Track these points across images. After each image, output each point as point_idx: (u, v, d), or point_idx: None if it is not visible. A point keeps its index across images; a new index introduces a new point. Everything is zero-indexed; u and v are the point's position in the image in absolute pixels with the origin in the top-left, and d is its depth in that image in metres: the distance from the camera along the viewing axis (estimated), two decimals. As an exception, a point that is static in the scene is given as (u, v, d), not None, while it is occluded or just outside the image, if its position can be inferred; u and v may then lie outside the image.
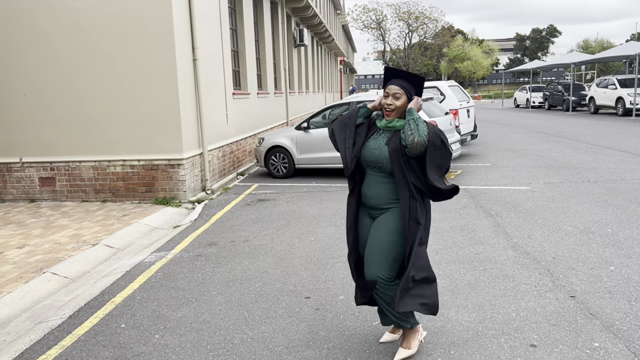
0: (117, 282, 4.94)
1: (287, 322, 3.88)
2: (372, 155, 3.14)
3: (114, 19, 7.85)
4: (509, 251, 5.27)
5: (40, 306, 4.53)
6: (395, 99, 3.12)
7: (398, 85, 3.13)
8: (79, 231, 6.67)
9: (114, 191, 8.37)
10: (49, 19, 7.98)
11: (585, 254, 5.09)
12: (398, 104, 3.11)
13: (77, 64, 8.03)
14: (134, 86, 7.99)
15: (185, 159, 8.21)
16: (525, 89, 35.02)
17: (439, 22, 65.96)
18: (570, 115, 24.44)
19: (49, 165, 8.43)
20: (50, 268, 5.26)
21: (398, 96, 3.11)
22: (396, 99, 3.11)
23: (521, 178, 9.16)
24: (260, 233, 6.38)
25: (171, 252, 5.79)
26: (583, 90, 28.08)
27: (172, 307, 4.25)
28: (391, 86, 3.14)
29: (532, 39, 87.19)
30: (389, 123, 3.15)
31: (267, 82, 14.75)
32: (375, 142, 3.17)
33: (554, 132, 16.74)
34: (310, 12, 20.10)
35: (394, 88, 3.12)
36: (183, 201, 8.25)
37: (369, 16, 63.76)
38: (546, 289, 4.29)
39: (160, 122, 8.04)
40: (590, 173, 9.31)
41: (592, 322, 3.67)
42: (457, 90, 12.56)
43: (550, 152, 12.28)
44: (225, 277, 4.88)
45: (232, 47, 11.63)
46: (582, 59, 29.14)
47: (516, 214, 6.71)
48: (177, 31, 7.89)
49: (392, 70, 3.19)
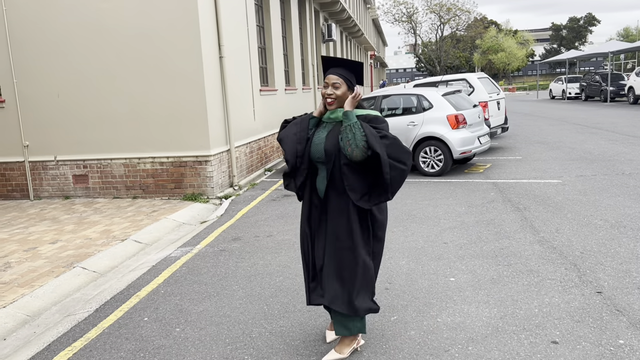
0: (143, 276, 5.06)
1: (305, 317, 3.90)
2: (316, 151, 3.08)
3: (140, 18, 8.00)
4: (535, 246, 5.16)
5: (70, 299, 4.68)
6: (335, 88, 3.05)
7: (336, 74, 3.07)
8: (109, 227, 6.86)
9: (144, 188, 8.56)
10: (76, 21, 8.19)
11: (615, 248, 4.93)
12: (338, 93, 3.05)
13: (105, 64, 8.23)
14: (161, 84, 8.14)
15: (213, 156, 8.33)
16: (561, 79, 34.06)
17: (471, 13, 64.64)
18: (608, 106, 23.66)
19: (82, 163, 8.68)
20: (80, 263, 5.42)
21: (337, 85, 3.05)
22: (336, 89, 3.05)
23: (552, 171, 8.94)
24: (284, 228, 6.42)
25: (196, 247, 5.89)
26: (622, 79, 27.13)
27: (194, 301, 4.32)
28: (330, 76, 3.08)
29: (569, 28, 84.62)
30: (331, 114, 3.11)
31: (295, 78, 14.79)
32: (318, 135, 3.13)
33: (589, 124, 16.25)
34: (339, 6, 20.03)
35: (333, 77, 3.06)
36: (211, 197, 8.38)
37: (399, 9, 63.02)
38: (572, 284, 4.18)
39: (187, 119, 8.17)
40: (625, 165, 9.01)
41: (618, 318, 3.56)
42: (487, 82, 12.32)
43: (584, 144, 11.93)
44: (247, 272, 4.94)
45: (259, 44, 11.70)
46: (620, 48, 28.15)
47: (545, 208, 6.55)
48: (202, 29, 7.99)
49: (329, 59, 3.16)
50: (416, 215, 6.52)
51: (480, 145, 9.42)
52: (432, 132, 9.10)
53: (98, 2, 8.08)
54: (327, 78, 3.09)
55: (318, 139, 3.11)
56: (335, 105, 3.07)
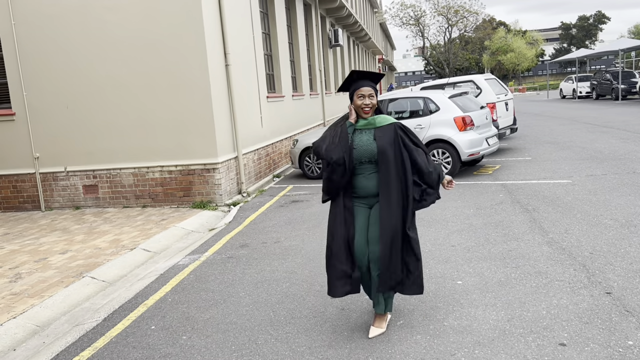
0: (151, 285, 5.09)
1: (311, 323, 3.89)
2: (366, 151, 3.46)
3: (146, 29, 8.09)
4: (543, 247, 5.11)
5: (79, 309, 4.72)
6: (371, 98, 3.47)
7: (369, 86, 3.49)
8: (118, 236, 6.91)
9: (153, 196, 8.62)
10: (84, 33, 8.30)
11: (626, 248, 4.87)
12: (374, 102, 3.50)
13: (113, 74, 8.33)
14: (168, 94, 8.21)
15: (221, 163, 8.37)
16: (571, 79, 33.76)
17: (479, 14, 64.49)
18: (620, 105, 23.41)
19: (92, 173, 8.77)
20: (90, 272, 5.47)
21: (372, 95, 3.48)
22: (371, 99, 3.48)
23: (562, 171, 8.86)
24: (292, 234, 6.43)
25: (204, 254, 5.92)
26: (633, 77, 26.82)
27: (201, 309, 4.34)
28: (364, 88, 3.47)
29: (579, 27, 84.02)
30: (370, 120, 3.51)
31: (302, 84, 14.84)
32: (361, 139, 3.49)
33: (600, 123, 16.09)
34: (345, 12, 20.08)
35: (368, 89, 3.47)
36: (219, 204, 8.41)
37: (407, 13, 63.06)
38: (580, 285, 4.13)
39: (194, 128, 8.22)
40: (636, 164, 8.90)
41: (628, 319, 3.51)
42: (495, 83, 12.26)
43: (595, 143, 11.81)
44: (254, 279, 4.95)
45: (265, 51, 11.76)
46: (631, 45, 27.84)
47: (554, 209, 6.48)
48: (208, 39, 8.05)
49: (361, 72, 3.54)
50: (424, 218, 6.49)
51: (489, 146, 9.37)
52: (440, 135, 9.06)
53: (104, 14, 8.18)
54: (362, 90, 3.47)
55: (361, 142, 3.48)
56: (370, 113, 3.50)
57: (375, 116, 3.53)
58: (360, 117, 3.52)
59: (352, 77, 3.53)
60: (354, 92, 3.49)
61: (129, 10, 8.09)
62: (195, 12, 7.90)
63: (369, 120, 3.51)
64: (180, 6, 7.93)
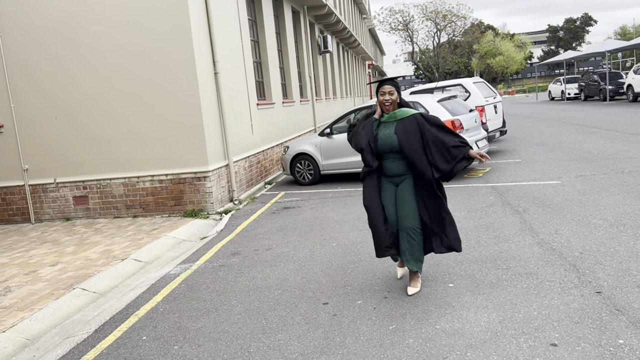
0: (142, 295, 5.05)
1: (303, 329, 3.88)
2: (387, 144, 4.13)
3: (133, 39, 8.08)
4: (534, 248, 5.13)
5: (69, 321, 4.68)
6: (391, 95, 4.10)
7: (390, 84, 4.13)
8: (109, 247, 6.87)
9: (144, 206, 8.58)
10: (71, 44, 8.28)
11: (615, 247, 4.90)
12: (393, 97, 4.11)
13: (101, 84, 8.30)
14: (157, 103, 8.20)
15: (211, 171, 8.35)
16: (559, 80, 34.06)
17: (467, 19, 64.95)
18: (607, 105, 23.63)
19: (82, 184, 8.72)
20: (80, 284, 5.43)
21: (392, 92, 4.10)
22: (391, 95, 4.10)
23: (552, 172, 8.91)
24: (283, 241, 6.42)
25: (196, 263, 5.89)
26: (620, 78, 27.09)
27: (193, 318, 4.31)
28: (385, 86, 4.12)
29: (566, 29, 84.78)
30: (392, 114, 4.14)
31: (292, 91, 14.86)
32: (383, 133, 4.16)
33: (589, 123, 16.23)
34: (334, 18, 20.16)
35: (388, 87, 4.11)
36: (211, 212, 8.39)
37: (395, 18, 63.40)
38: (571, 285, 4.15)
39: (184, 136, 8.20)
40: (625, 163, 8.98)
41: (618, 318, 3.53)
42: (483, 86, 12.34)
43: (583, 144, 11.90)
44: (246, 286, 4.93)
45: (255, 58, 11.77)
46: (617, 46, 28.16)
47: (544, 210, 6.52)
48: (196, 47, 8.05)
49: (383, 79, 4.19)
50: (415, 223, 6.49)
51: (478, 149, 9.41)
52: (430, 139, 9.08)
53: (92, 24, 8.16)
54: (383, 88, 4.10)
55: (384, 135, 4.14)
56: (392, 107, 4.12)
57: (397, 110, 4.13)
58: (384, 112, 4.13)
59: (378, 81, 4.20)
60: (378, 91, 4.13)
61: (117, 21, 8.08)
62: (183, 21, 7.90)
63: (390, 114, 4.12)
64: (168, 15, 7.93)
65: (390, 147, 4.11)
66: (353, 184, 9.91)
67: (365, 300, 4.28)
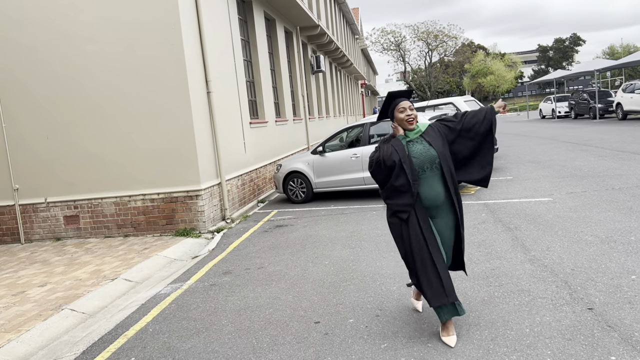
0: (132, 315, 4.99)
1: (294, 349, 3.84)
2: (428, 158, 3.68)
3: (126, 58, 8.11)
4: (526, 265, 5.13)
5: (57, 343, 4.60)
6: (411, 110, 3.78)
7: (407, 100, 3.84)
8: (100, 267, 6.80)
9: (135, 225, 8.53)
10: (64, 63, 8.30)
11: (606, 263, 4.91)
12: (415, 112, 3.81)
13: (93, 104, 8.31)
14: (149, 122, 8.20)
15: (203, 190, 8.33)
16: (550, 99, 34.47)
17: (458, 39, 65.86)
18: (597, 123, 23.88)
19: (73, 204, 8.66)
20: (69, 304, 5.35)
21: (412, 107, 3.80)
22: (412, 110, 3.79)
23: (543, 189, 8.96)
24: (275, 259, 6.38)
25: (187, 282, 5.83)
26: (610, 96, 27.46)
27: (182, 338, 4.26)
28: (404, 102, 3.79)
29: (556, 49, 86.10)
30: (417, 130, 3.79)
31: (285, 110, 14.93)
32: (417, 149, 3.72)
33: (579, 141, 16.37)
34: (326, 38, 20.37)
35: (407, 103, 3.80)
36: (203, 231, 8.34)
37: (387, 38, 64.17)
38: (563, 302, 4.14)
39: (177, 155, 8.20)
40: (615, 180, 9.04)
41: (610, 334, 3.52)
42: (474, 104, 12.47)
43: (574, 161, 11.99)
44: (236, 306, 4.88)
45: (248, 77, 11.85)
46: (605, 65, 28.58)
47: (536, 227, 6.53)
48: (189, 67, 8.09)
49: (396, 93, 3.88)
50: (407, 240, 6.48)
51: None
52: (421, 157, 9.12)
53: (84, 43, 8.20)
54: (402, 104, 3.76)
55: (418, 151, 3.71)
56: (415, 122, 3.77)
57: (417, 124, 3.81)
58: (407, 130, 3.77)
59: (390, 98, 3.84)
60: (394, 109, 3.79)
61: (109, 40, 8.12)
62: (175, 40, 7.95)
63: (416, 130, 3.78)
64: (161, 34, 7.98)
65: (431, 161, 3.66)
66: (345, 201, 9.91)
67: (357, 319, 4.24)
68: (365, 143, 9.91)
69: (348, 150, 10.03)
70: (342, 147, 10.38)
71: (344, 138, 10.77)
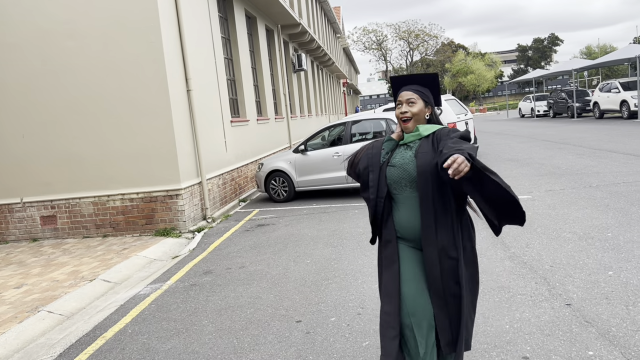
0: (111, 316, 4.91)
1: (276, 348, 3.81)
2: (404, 172, 2.55)
3: (105, 55, 7.99)
4: (505, 262, 5.18)
5: (33, 345, 4.51)
6: (410, 105, 2.60)
7: (411, 90, 2.64)
8: (78, 267, 6.68)
9: (114, 225, 8.40)
10: (43, 61, 8.14)
11: (584, 260, 4.98)
12: (414, 110, 2.59)
13: (72, 102, 8.16)
14: (128, 120, 8.09)
15: (184, 189, 8.24)
16: (529, 98, 34.94)
17: (439, 38, 66.39)
18: (575, 122, 24.27)
19: (50, 204, 8.50)
20: (46, 306, 5.25)
21: (413, 101, 2.60)
22: (410, 105, 2.60)
23: (522, 187, 9.06)
24: (257, 258, 6.34)
25: (166, 283, 5.77)
26: (587, 96, 27.92)
27: (162, 339, 4.20)
28: (403, 92, 2.65)
29: (534, 48, 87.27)
30: (415, 132, 2.60)
31: (267, 108, 14.86)
32: (402, 157, 2.60)
33: (557, 140, 16.61)
34: (308, 37, 20.34)
35: (407, 94, 2.63)
36: (183, 231, 8.26)
37: (369, 37, 64.38)
38: (542, 298, 4.19)
39: (156, 154, 8.10)
40: (592, 178, 9.19)
41: (588, 329, 3.56)
42: (454, 103, 12.55)
43: (553, 159, 12.16)
44: (217, 306, 4.84)
45: (228, 76, 11.76)
46: (583, 65, 29.06)
47: (515, 224, 6.59)
48: (168, 64, 8.00)
49: (400, 78, 2.73)
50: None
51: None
52: (403, 155, 9.16)
53: (63, 40, 8.05)
54: (400, 96, 2.65)
55: (402, 159, 2.58)
56: (412, 124, 2.59)
57: (422, 125, 2.61)
58: (404, 131, 2.64)
59: (393, 86, 2.76)
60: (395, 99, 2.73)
61: (89, 37, 7.98)
62: (155, 37, 7.85)
63: (414, 132, 2.60)
64: (140, 32, 7.87)
65: (409, 177, 2.54)
66: (327, 199, 9.90)
67: (339, 317, 4.24)
68: (347, 142, 9.91)
69: (330, 149, 10.03)
70: (324, 145, 10.38)
71: (326, 137, 10.76)
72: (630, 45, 25.36)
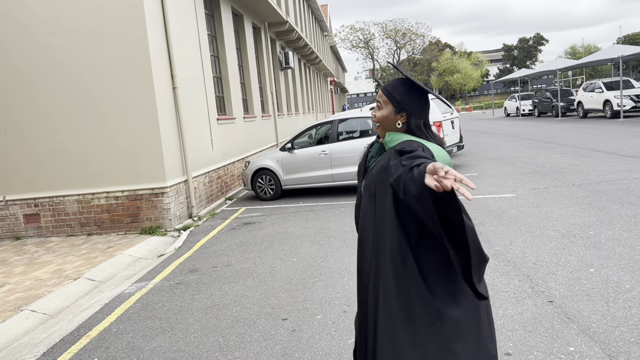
0: (95, 315, 4.88)
1: (261, 346, 3.82)
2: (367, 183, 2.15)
3: (90, 52, 7.91)
4: (490, 259, 5.23)
5: (16, 345, 4.47)
6: (377, 107, 2.18)
7: (386, 89, 2.16)
8: (62, 266, 6.62)
9: (99, 224, 8.33)
10: (25, 57, 8.03)
11: (566, 257, 5.05)
12: (378, 114, 2.15)
13: (55, 99, 8.07)
14: (113, 118, 8.02)
15: (169, 187, 8.20)
16: (514, 97, 35.25)
17: (425, 37, 66.67)
18: (560, 121, 24.54)
19: (33, 202, 8.40)
20: (29, 305, 5.20)
21: (379, 105, 2.16)
22: (378, 109, 2.17)
23: (507, 186, 9.15)
24: (243, 257, 6.34)
25: (152, 281, 5.74)
26: (571, 95, 28.27)
27: (147, 338, 4.19)
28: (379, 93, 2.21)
29: (520, 48, 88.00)
30: (387, 138, 2.13)
31: (254, 106, 14.82)
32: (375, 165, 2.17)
33: (542, 139, 16.79)
34: (295, 35, 20.30)
35: (379, 94, 2.19)
36: (169, 229, 8.21)
37: (356, 36, 64.45)
38: (525, 295, 4.25)
39: (141, 151, 8.04)
40: (575, 176, 9.31)
41: (569, 326, 3.62)
42: (440, 102, 12.61)
43: (537, 158, 12.30)
44: (203, 304, 4.83)
45: (215, 73, 11.71)
46: (567, 65, 29.39)
47: (499, 222, 6.67)
48: (154, 61, 7.94)
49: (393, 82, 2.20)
50: (375, 236, 6.53)
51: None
52: (389, 153, 9.19)
53: (48, 37, 7.95)
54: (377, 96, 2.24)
55: (372, 169, 2.18)
56: (380, 130, 2.17)
57: (389, 133, 2.12)
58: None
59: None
60: None
61: (74, 34, 7.90)
62: (140, 34, 7.79)
63: (385, 140, 2.14)
64: (125, 28, 7.81)
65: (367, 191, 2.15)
66: (314, 198, 9.91)
67: (325, 315, 4.25)
68: (333, 140, 9.93)
69: (317, 147, 10.03)
70: (311, 144, 10.38)
71: (313, 135, 10.77)
72: (613, 45, 25.69)
